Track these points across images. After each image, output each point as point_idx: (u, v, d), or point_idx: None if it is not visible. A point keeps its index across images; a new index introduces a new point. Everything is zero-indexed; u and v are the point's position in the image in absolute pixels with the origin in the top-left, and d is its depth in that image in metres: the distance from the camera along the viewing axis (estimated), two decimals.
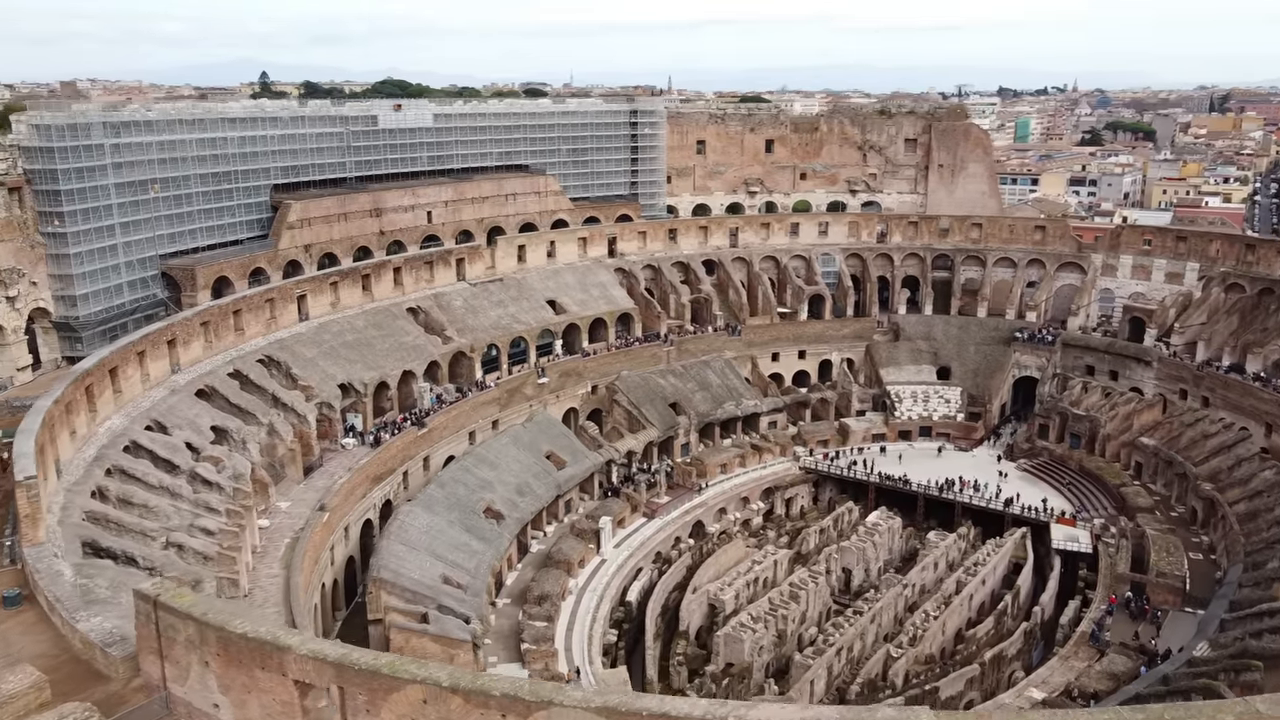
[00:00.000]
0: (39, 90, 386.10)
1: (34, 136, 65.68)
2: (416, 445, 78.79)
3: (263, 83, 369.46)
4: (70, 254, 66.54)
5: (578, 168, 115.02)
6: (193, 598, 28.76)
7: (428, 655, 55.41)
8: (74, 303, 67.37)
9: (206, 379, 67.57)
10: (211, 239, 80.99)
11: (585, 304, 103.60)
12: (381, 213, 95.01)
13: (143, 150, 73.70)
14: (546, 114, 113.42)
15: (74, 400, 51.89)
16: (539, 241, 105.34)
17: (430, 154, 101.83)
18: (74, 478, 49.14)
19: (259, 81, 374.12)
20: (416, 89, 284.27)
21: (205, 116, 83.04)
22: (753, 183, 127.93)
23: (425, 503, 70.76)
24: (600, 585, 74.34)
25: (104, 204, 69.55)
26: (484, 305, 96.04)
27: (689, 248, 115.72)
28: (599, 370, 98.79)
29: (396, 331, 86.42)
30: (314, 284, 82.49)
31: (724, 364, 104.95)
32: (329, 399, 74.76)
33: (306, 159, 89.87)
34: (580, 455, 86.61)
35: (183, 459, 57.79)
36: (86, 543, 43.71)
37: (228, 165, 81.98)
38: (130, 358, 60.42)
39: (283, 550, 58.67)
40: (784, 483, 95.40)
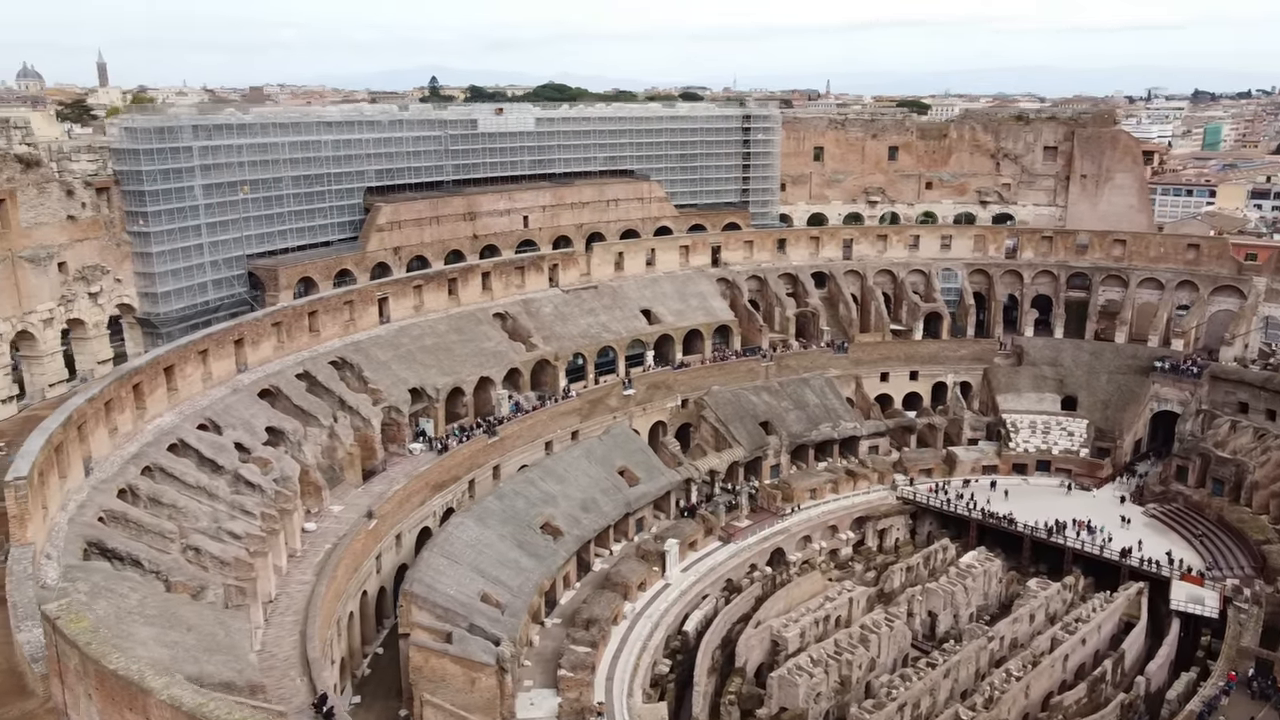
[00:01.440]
0: (232, 94, 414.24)
1: (124, 139, 68.20)
2: (486, 454, 77.62)
3: (432, 87, 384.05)
4: (153, 253, 68.76)
5: (686, 174, 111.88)
6: (86, 624, 27.62)
7: (448, 676, 53.93)
8: (156, 300, 69.57)
9: (273, 379, 68.38)
10: (301, 240, 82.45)
11: (682, 314, 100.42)
12: (475, 216, 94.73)
13: (233, 153, 75.59)
14: (655, 118, 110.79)
15: (117, 398, 52.87)
16: (638, 249, 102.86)
17: (531, 158, 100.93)
18: (105, 475, 49.94)
19: (429, 86, 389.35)
20: (575, 92, 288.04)
21: (302, 120, 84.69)
22: (873, 192, 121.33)
23: (478, 514, 69.37)
24: (658, 611, 71.08)
25: (190, 204, 71.59)
26: (574, 313, 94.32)
27: (798, 258, 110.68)
28: (691, 384, 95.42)
29: (478, 337, 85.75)
30: (397, 287, 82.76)
31: (824, 383, 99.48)
32: (397, 403, 74.52)
33: (403, 162, 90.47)
34: (656, 472, 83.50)
35: (228, 459, 58.26)
36: (92, 543, 44.03)
37: (321, 168, 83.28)
38: (190, 356, 61.51)
39: (321, 556, 58.37)
40: (878, 512, 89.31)
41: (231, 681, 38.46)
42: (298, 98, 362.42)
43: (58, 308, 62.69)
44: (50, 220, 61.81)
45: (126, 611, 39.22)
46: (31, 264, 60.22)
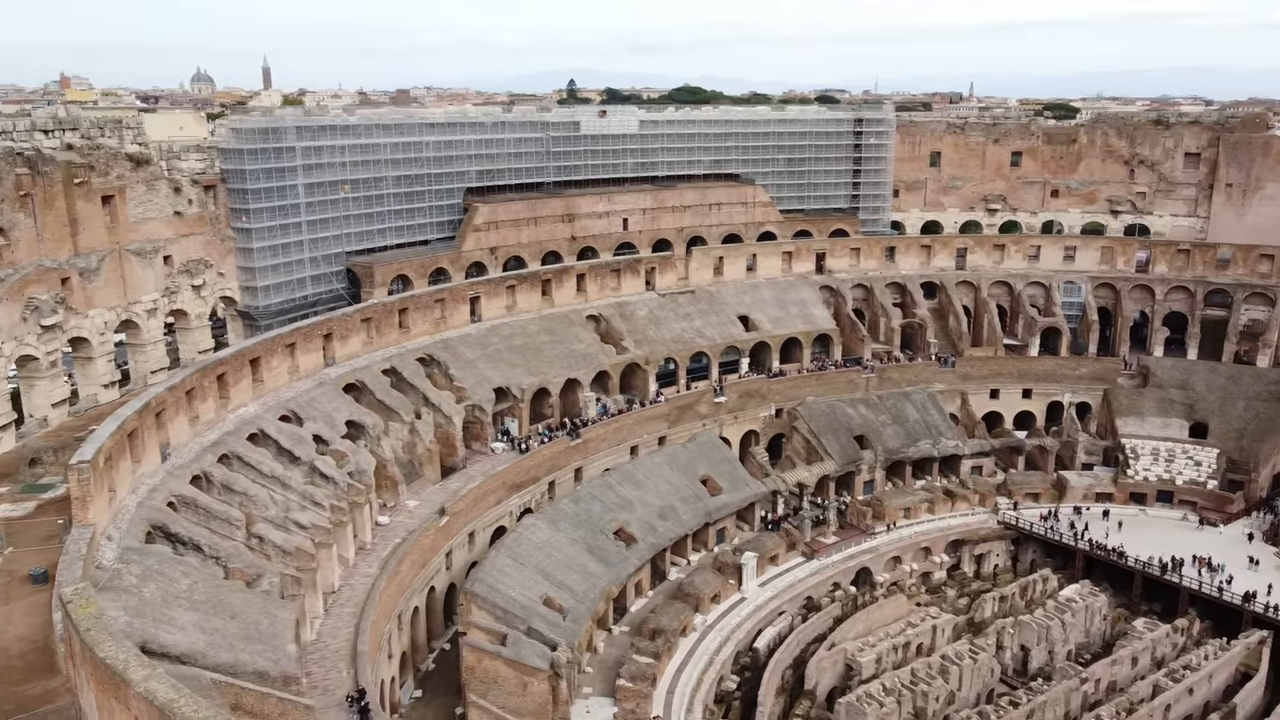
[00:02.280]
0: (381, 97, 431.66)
1: (232, 139, 71.32)
2: (568, 455, 77.60)
3: (570, 90, 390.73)
4: (254, 248, 71.63)
5: (793, 178, 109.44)
6: (93, 609, 28.46)
7: (500, 679, 53.92)
8: (256, 293, 72.46)
9: (359, 374, 70.09)
10: (400, 238, 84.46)
11: (781, 322, 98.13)
12: (574, 218, 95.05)
13: (336, 153, 78.04)
14: (763, 121, 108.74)
15: (199, 387, 55.03)
16: (739, 254, 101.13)
17: (634, 160, 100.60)
18: (181, 461, 52.01)
19: (567, 88, 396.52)
20: (709, 95, 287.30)
21: (405, 121, 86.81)
22: (993, 199, 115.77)
23: (551, 516, 69.34)
24: (730, 626, 69.44)
25: (291, 202, 74.27)
26: (669, 317, 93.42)
27: (908, 267, 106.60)
28: (786, 393, 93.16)
29: (569, 338, 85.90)
30: (489, 286, 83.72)
31: (927, 397, 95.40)
32: (481, 402, 75.28)
33: (504, 163, 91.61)
34: (740, 483, 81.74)
35: (305, 451, 59.91)
36: (156, 527, 45.84)
37: (422, 168, 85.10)
38: (277, 349, 63.62)
39: (389, 550, 59.34)
40: (976, 536, 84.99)
41: (265, 671, 39.20)
42: (443, 99, 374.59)
43: (162, 299, 65.98)
44: (157, 216, 65.12)
45: (174, 596, 40.57)
46: (138, 257, 63.56)
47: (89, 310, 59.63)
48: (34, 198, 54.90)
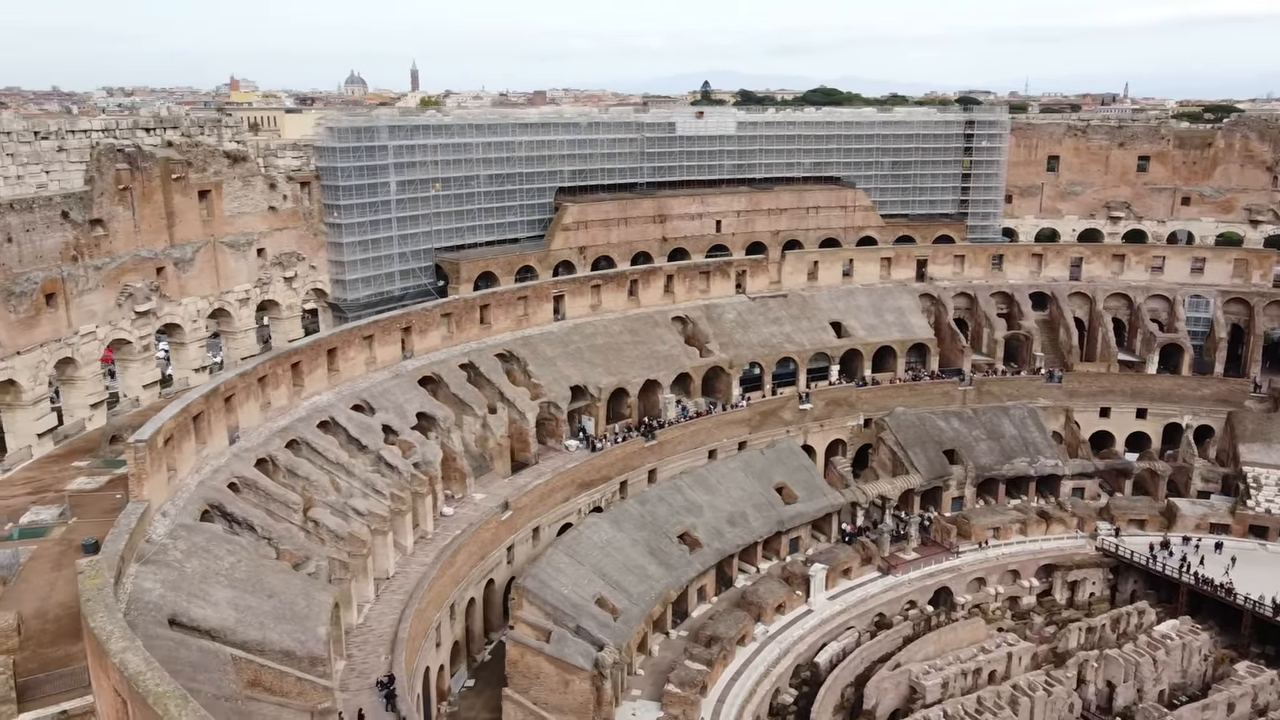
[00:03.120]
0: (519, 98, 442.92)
1: (328, 138, 74.34)
2: (642, 456, 77.54)
3: (704, 92, 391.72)
4: (344, 243, 74.46)
5: (897, 182, 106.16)
6: (98, 581, 30.08)
7: (542, 675, 54.38)
8: (345, 286, 75.33)
9: (436, 367, 71.91)
10: (490, 236, 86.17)
11: (875, 329, 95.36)
12: (666, 219, 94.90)
13: (429, 151, 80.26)
14: (867, 123, 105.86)
15: (272, 375, 57.59)
16: (835, 258, 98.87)
17: (731, 162, 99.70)
18: (249, 444, 54.54)
19: (701, 90, 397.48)
20: (845, 96, 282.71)
21: (500, 121, 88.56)
22: (1116, 206, 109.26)
23: (614, 516, 69.44)
24: (793, 638, 67.96)
25: (382, 199, 76.85)
26: (758, 321, 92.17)
27: (1016, 276, 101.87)
28: (876, 403, 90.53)
29: (652, 339, 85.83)
30: (574, 285, 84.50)
31: (1027, 413, 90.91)
32: (557, 399, 76.06)
33: (597, 164, 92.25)
34: (817, 493, 79.90)
35: (373, 440, 61.88)
36: (213, 506, 48.20)
37: (514, 167, 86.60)
38: (354, 340, 65.94)
39: (448, 540, 60.67)
40: (1070, 562, 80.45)
41: (292, 651, 40.66)
42: (579, 101, 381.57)
43: (254, 289, 69.42)
44: (252, 210, 68.54)
45: (214, 572, 42.56)
46: (232, 249, 67.07)
47: (182, 298, 63.27)
48: (133, 192, 58.61)
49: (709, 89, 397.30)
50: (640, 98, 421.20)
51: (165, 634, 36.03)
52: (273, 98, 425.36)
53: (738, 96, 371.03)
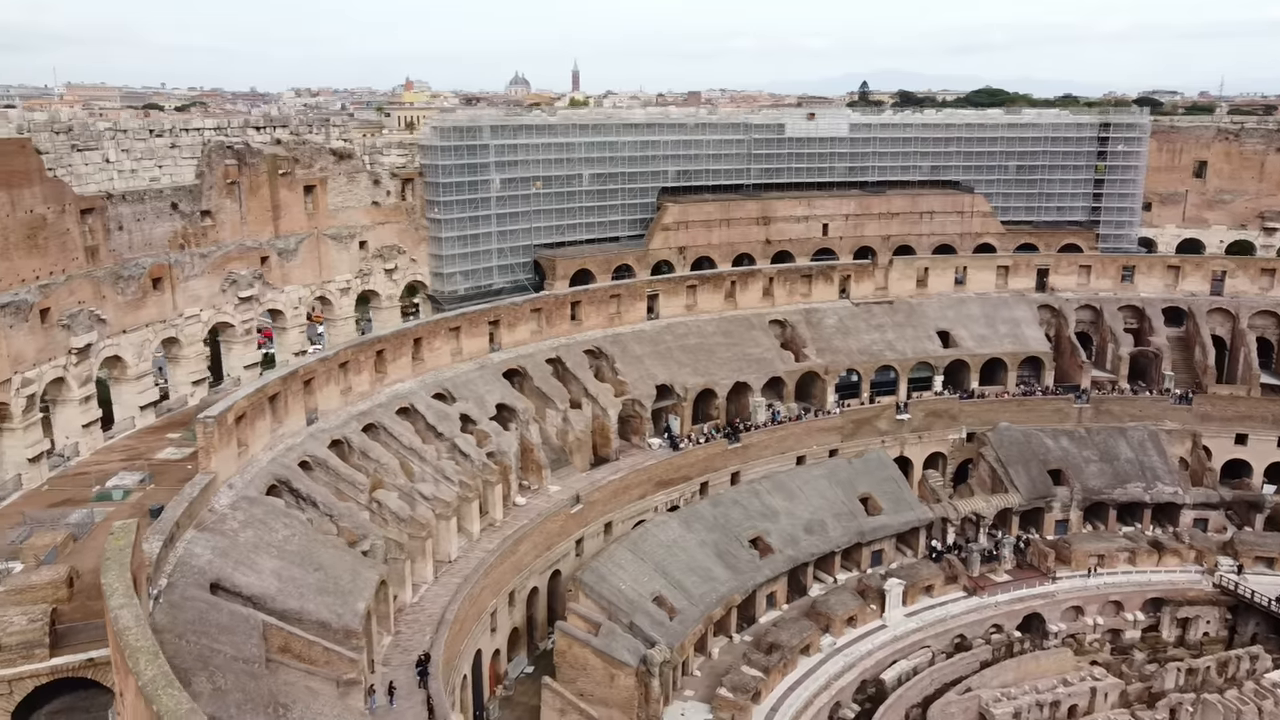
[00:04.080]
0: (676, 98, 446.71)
1: (433, 137, 77.52)
2: (725, 458, 77.40)
3: (861, 92, 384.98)
4: (443, 237, 77.43)
5: (1022, 187, 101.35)
6: (122, 542, 32.69)
7: (589, 667, 55.31)
8: (444, 279, 78.34)
9: (523, 361, 73.87)
10: (591, 234, 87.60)
11: (985, 340, 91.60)
12: (770, 221, 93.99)
13: (532, 151, 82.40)
14: (992, 125, 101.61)
15: (354, 361, 60.69)
16: (946, 265, 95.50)
17: (844, 165, 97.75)
18: (326, 426, 57.68)
19: (859, 91, 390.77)
20: (1008, 97, 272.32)
21: (605, 121, 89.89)
22: (1272, 217, 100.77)
23: (685, 517, 69.61)
24: (861, 652, 66.36)
25: (483, 196, 79.40)
26: (860, 327, 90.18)
27: (1149, 289, 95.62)
28: (980, 417, 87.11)
29: (746, 342, 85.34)
30: (669, 285, 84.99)
31: (1147, 436, 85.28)
32: (641, 397, 76.75)
33: (702, 164, 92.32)
34: (904, 506, 77.58)
35: (450, 428, 64.24)
36: (281, 481, 51.30)
37: (617, 167, 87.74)
38: (440, 332, 68.61)
39: (514, 529, 62.38)
40: (1183, 598, 75.06)
41: (328, 623, 42.98)
42: (734, 102, 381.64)
43: (355, 280, 73.24)
44: (356, 205, 72.32)
45: (266, 543, 45.43)
46: (335, 241, 71.01)
47: (285, 286, 67.48)
48: (240, 185, 63.01)
49: (867, 89, 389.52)
50: (796, 99, 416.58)
51: (202, 596, 38.79)
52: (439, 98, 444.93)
53: (896, 97, 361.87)
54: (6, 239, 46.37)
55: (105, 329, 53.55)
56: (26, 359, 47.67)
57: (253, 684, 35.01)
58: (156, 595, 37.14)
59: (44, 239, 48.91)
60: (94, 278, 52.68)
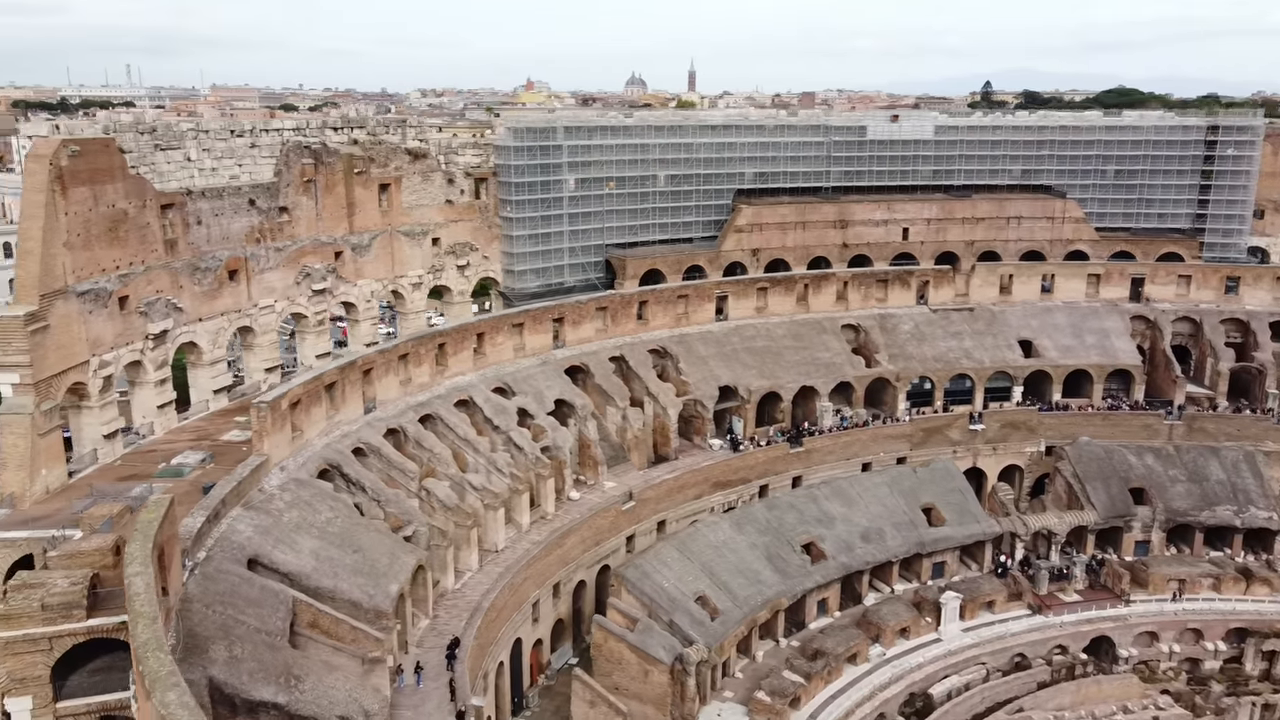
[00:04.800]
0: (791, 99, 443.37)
1: (507, 138, 79.49)
2: (786, 462, 77.03)
3: (984, 92, 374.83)
4: (515, 235, 79.26)
5: (1119, 192, 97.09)
6: (152, 515, 35.05)
7: (624, 662, 56.17)
8: (515, 276, 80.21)
9: (586, 358, 75.10)
10: (664, 235, 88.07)
11: (1070, 351, 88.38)
12: (847, 225, 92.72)
13: (606, 151, 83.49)
14: (1088, 128, 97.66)
15: (414, 354, 63.00)
16: (1032, 272, 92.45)
17: (928, 168, 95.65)
18: (383, 415, 60.10)
19: (981, 91, 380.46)
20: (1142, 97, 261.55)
21: (683, 123, 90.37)
22: None
23: (737, 518, 69.66)
24: (911, 664, 65.26)
25: (555, 196, 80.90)
26: (936, 334, 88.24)
27: (1255, 302, 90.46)
28: (1060, 430, 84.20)
29: (815, 346, 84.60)
30: (739, 287, 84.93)
31: (1243, 456, 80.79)
32: (704, 398, 77.03)
33: (780, 166, 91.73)
34: (969, 518, 75.62)
35: (506, 421, 65.94)
36: (332, 465, 53.80)
37: (692, 168, 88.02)
38: (503, 327, 70.47)
39: (563, 523, 63.67)
40: (1271, 630, 71.08)
41: (359, 602, 45.01)
42: (852, 103, 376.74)
43: (427, 275, 75.76)
44: (430, 203, 74.86)
45: (309, 524, 47.81)
46: (408, 238, 73.66)
47: (358, 280, 70.43)
48: (316, 183, 66.14)
49: (989, 89, 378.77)
50: (914, 100, 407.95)
51: (236, 570, 41.24)
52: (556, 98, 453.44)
53: (1020, 97, 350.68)
54: (89, 232, 50.09)
55: (181, 317, 57.14)
56: (104, 343, 51.35)
57: (270, 655, 37.11)
58: (193, 567, 39.68)
59: (125, 232, 52.58)
60: (172, 269, 56.27)
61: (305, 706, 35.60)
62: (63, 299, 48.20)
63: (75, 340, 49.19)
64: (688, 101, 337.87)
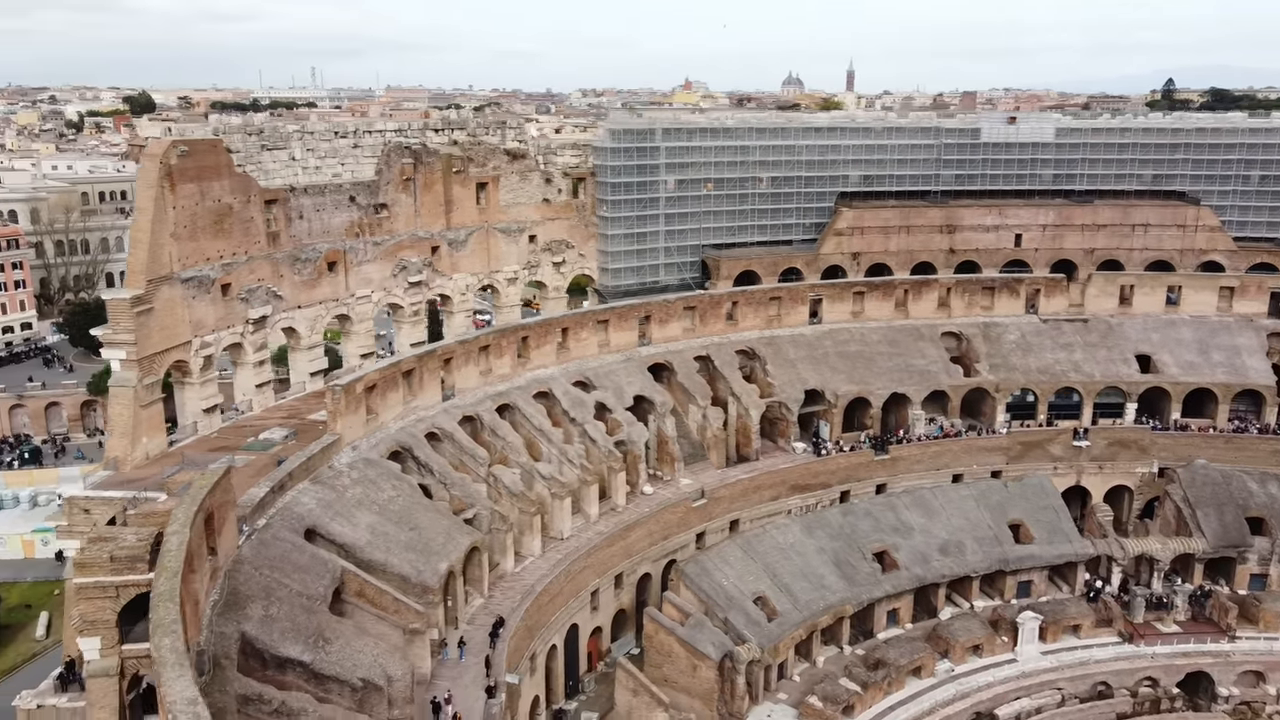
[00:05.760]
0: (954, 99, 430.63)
1: (606, 139, 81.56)
2: (870, 469, 76.09)
3: (1165, 90, 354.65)
4: (610, 234, 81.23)
5: (1263, 200, 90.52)
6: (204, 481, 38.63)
7: (673, 655, 57.45)
8: (609, 274, 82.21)
9: (671, 356, 76.31)
10: (763, 236, 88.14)
11: (1194, 368, 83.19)
12: (955, 229, 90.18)
13: (705, 153, 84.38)
14: (1229, 131, 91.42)
15: (496, 345, 65.86)
16: (1156, 283, 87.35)
17: (1047, 172, 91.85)
18: (460, 402, 63.19)
19: (1163, 89, 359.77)
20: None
21: (786, 125, 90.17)
22: None
23: (809, 522, 69.40)
24: (979, 683, 63.47)
25: (652, 196, 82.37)
26: (1044, 344, 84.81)
27: None
28: (1176, 451, 79.56)
29: (912, 352, 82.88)
30: (833, 290, 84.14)
31: None
32: (788, 400, 76.94)
33: (886, 169, 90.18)
34: (1060, 538, 72.54)
35: (583, 414, 68.00)
36: (404, 448, 57.13)
37: (794, 170, 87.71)
38: (588, 323, 72.54)
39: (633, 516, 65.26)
40: None
41: (408, 577, 47.96)
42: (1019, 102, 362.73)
43: (522, 271, 78.81)
44: (527, 202, 77.83)
45: (369, 500, 51.14)
46: (504, 234, 76.86)
47: (453, 274, 74.08)
48: (415, 182, 70.07)
49: (1172, 87, 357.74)
50: (1084, 99, 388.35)
51: (290, 538, 44.79)
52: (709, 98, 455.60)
53: (1206, 95, 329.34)
54: (195, 224, 55.13)
55: (281, 304, 61.93)
56: (206, 325, 56.39)
57: (305, 617, 40.25)
58: (250, 532, 43.39)
59: (229, 225, 57.55)
60: (273, 259, 61.08)
61: (329, 666, 38.47)
62: (168, 284, 53.30)
63: (178, 322, 54.27)
64: (834, 102, 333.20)
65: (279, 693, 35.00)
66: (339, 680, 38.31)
